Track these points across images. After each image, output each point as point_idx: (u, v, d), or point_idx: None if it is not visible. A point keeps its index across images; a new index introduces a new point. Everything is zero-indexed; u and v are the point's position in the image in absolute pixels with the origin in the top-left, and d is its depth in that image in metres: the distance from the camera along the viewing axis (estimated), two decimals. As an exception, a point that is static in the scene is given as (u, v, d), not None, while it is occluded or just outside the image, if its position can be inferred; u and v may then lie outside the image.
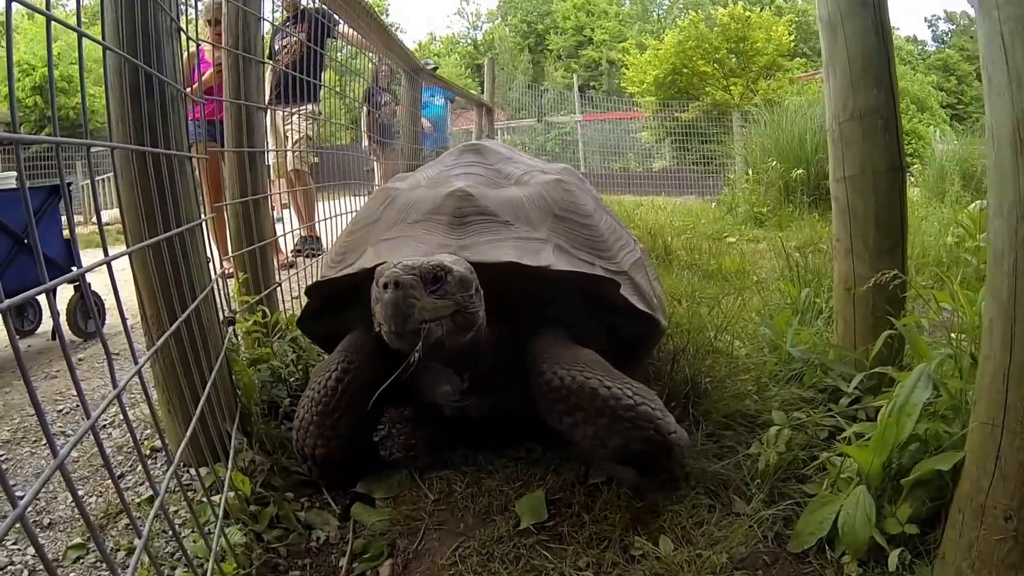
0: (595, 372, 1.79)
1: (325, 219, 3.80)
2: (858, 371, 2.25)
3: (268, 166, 3.14)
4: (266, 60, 2.86)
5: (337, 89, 4.84)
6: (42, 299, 4.00)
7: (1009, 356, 1.31)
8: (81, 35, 1.10)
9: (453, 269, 1.67)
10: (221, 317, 2.09)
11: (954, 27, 37.07)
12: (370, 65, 5.67)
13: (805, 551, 1.65)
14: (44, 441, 2.27)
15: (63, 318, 3.91)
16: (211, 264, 2.04)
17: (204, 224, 1.98)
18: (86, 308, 3.96)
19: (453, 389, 1.97)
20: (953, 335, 1.92)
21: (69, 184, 3.89)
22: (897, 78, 2.23)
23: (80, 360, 3.37)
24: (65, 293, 4.08)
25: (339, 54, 4.82)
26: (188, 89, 1.95)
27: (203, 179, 3.31)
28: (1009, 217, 1.29)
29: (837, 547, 1.62)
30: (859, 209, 2.25)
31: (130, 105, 1.63)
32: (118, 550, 1.69)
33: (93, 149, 1.25)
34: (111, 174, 1.72)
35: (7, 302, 0.72)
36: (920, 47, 37.68)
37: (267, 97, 3.99)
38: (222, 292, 2.21)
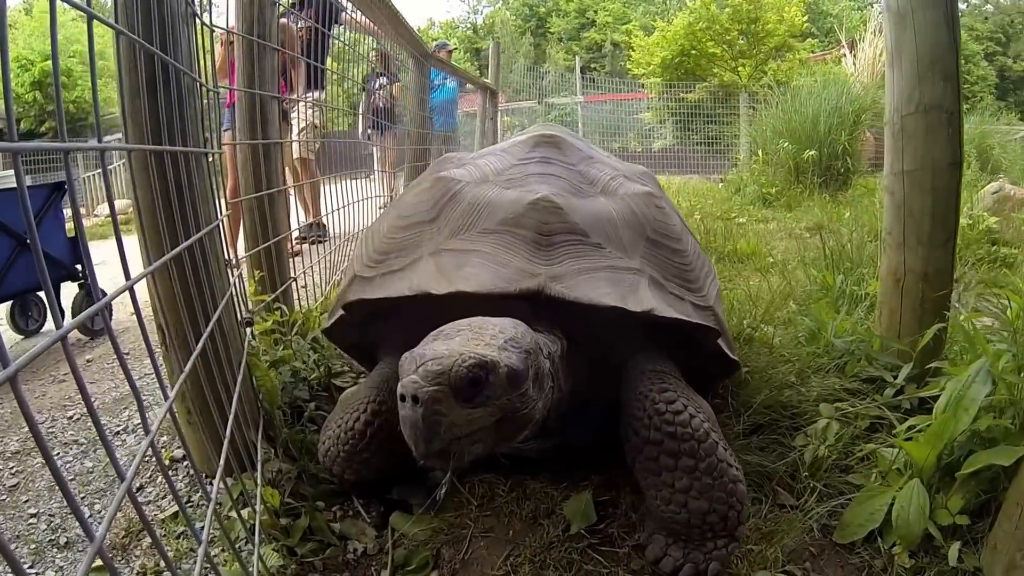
0: (715, 426, 1.57)
1: (333, 211, 3.66)
2: (902, 362, 2.21)
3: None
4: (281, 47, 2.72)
5: (335, 76, 4.70)
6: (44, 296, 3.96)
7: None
8: (91, 17, 0.99)
9: (499, 365, 1.29)
10: (239, 318, 1.98)
11: (966, 6, 36.36)
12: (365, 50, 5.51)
13: (852, 542, 1.65)
14: (56, 450, 2.19)
15: (68, 316, 3.83)
16: (229, 265, 1.93)
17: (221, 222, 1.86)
18: (92, 305, 3.84)
19: None
20: (1011, 326, 1.89)
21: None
22: (960, 69, 2.15)
23: (88, 361, 3.26)
24: (70, 289, 3.97)
25: (338, 41, 4.65)
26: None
27: (230, 171, 3.17)
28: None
29: (887, 538, 1.62)
30: (916, 204, 2.19)
31: (145, 98, 1.48)
32: (144, 573, 1.60)
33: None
34: (112, 167, 1.57)
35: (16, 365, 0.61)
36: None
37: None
38: (240, 292, 2.10)
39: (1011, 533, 1.42)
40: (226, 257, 1.90)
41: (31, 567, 1.63)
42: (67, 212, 3.82)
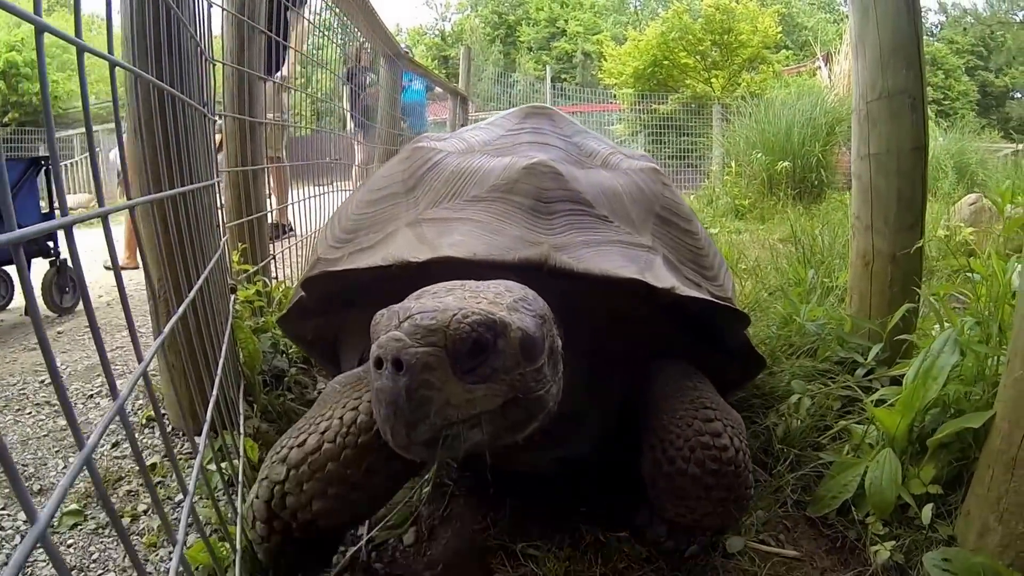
0: (746, 445, 1.41)
1: (304, 199, 3.64)
2: (873, 342, 2.25)
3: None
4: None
5: (301, 78, 4.58)
6: (13, 273, 3.91)
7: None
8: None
9: (510, 328, 1.01)
10: (227, 281, 1.99)
11: (945, 19, 35.26)
12: (355, 44, 5.43)
13: (825, 515, 1.66)
14: (28, 409, 2.18)
15: (38, 293, 3.77)
16: (220, 228, 1.92)
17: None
18: (62, 283, 3.85)
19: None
20: (975, 304, 1.94)
21: (46, 158, 3.81)
22: (924, 58, 2.21)
23: (60, 333, 3.25)
24: (40, 267, 3.89)
25: (312, 37, 4.53)
26: None
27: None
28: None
29: (861, 508, 1.63)
30: (882, 187, 2.25)
31: (164, 52, 1.45)
32: (122, 516, 1.61)
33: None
34: (76, 160, 1.53)
35: None
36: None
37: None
38: (226, 260, 2.10)
39: (983, 496, 1.43)
40: (219, 222, 1.91)
41: (3, 508, 1.64)
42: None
